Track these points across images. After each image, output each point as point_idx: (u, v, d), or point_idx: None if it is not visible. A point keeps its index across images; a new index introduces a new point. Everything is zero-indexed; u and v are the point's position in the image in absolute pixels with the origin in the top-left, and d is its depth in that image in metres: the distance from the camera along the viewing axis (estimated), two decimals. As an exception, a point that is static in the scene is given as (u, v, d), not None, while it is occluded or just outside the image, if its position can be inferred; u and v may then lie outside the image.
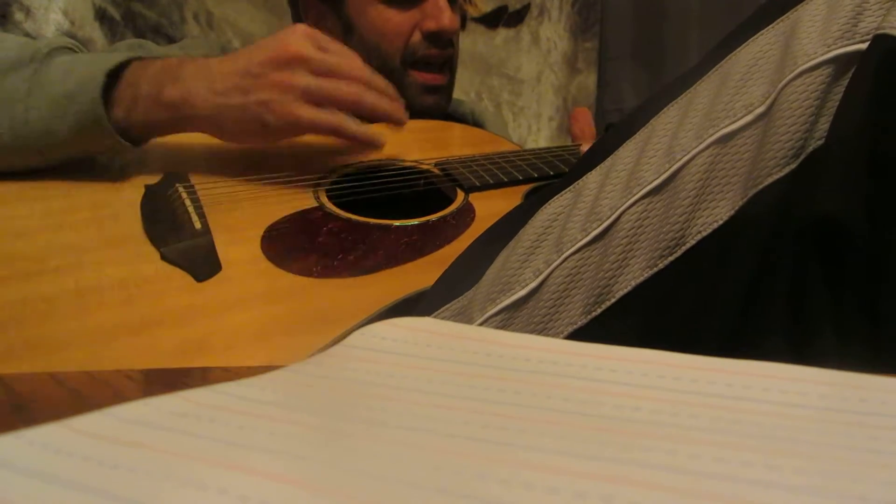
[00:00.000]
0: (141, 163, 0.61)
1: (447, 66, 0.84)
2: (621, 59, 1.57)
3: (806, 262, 0.35)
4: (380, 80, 0.60)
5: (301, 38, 0.56)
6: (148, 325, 0.43)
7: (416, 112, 0.81)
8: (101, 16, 0.99)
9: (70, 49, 0.60)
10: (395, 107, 0.60)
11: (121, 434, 0.17)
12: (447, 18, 0.79)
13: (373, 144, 0.61)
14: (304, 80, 0.55)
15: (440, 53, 0.82)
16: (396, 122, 0.61)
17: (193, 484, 0.14)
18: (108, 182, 0.58)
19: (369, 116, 0.59)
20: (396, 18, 0.80)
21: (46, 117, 0.54)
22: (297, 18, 0.88)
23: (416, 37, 0.80)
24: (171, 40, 1.04)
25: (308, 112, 0.55)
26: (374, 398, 0.20)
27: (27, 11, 0.93)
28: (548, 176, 0.66)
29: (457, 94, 0.91)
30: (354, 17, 0.81)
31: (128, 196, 0.55)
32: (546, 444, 0.17)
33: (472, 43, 1.40)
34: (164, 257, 0.48)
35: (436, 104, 0.84)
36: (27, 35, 0.93)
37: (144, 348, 0.41)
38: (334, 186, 0.62)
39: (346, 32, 0.82)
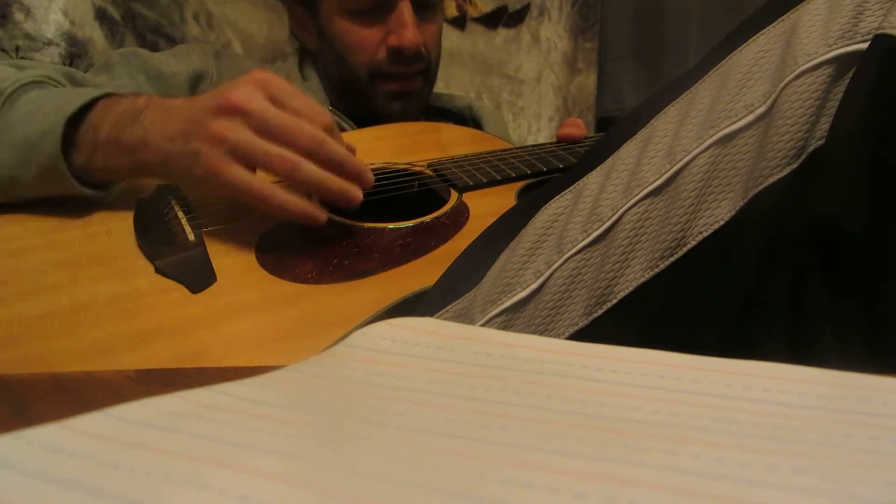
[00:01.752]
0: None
1: (417, 76, 0.82)
2: (621, 59, 1.57)
3: (806, 262, 0.35)
4: (336, 150, 0.50)
5: (251, 87, 0.49)
6: (144, 338, 0.42)
7: (383, 117, 0.80)
8: (101, 16, 0.99)
9: (39, 84, 0.58)
10: (344, 185, 0.50)
11: (121, 434, 0.17)
12: (410, 34, 0.76)
13: (309, 219, 0.50)
14: (234, 134, 0.47)
15: (408, 70, 0.79)
16: (345, 203, 0.51)
17: (193, 484, 0.14)
18: (108, 195, 0.58)
19: (311, 190, 0.51)
20: (360, 33, 0.78)
21: (10, 164, 0.52)
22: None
23: (382, 52, 0.78)
24: (171, 40, 1.04)
25: (233, 171, 0.48)
26: (375, 398, 0.20)
27: (27, 11, 0.93)
28: (541, 172, 0.66)
29: (457, 93, 0.90)
30: (325, 27, 0.80)
31: (120, 211, 0.55)
32: (546, 444, 0.17)
33: (472, 43, 1.40)
34: (158, 270, 0.48)
35: (404, 111, 0.82)
36: (28, 36, 0.93)
37: (141, 362, 0.41)
38: None
39: (321, 38, 0.82)
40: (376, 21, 0.78)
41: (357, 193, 0.51)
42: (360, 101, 0.81)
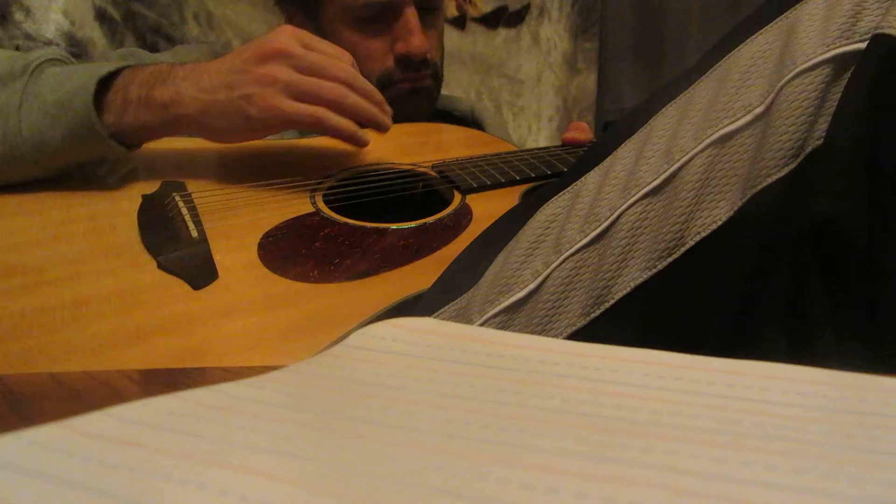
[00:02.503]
0: (138, 172, 0.61)
1: (427, 78, 0.82)
2: (621, 59, 1.58)
3: (805, 263, 0.35)
4: (365, 83, 0.59)
5: (287, 36, 0.56)
6: (146, 333, 0.43)
7: (394, 118, 0.81)
8: (101, 16, 0.99)
9: (60, 60, 0.60)
10: (378, 111, 0.60)
11: (121, 434, 0.17)
12: (417, 40, 0.76)
13: (356, 140, 0.60)
14: (285, 74, 0.55)
15: (416, 76, 0.80)
16: (378, 127, 0.61)
17: (193, 484, 0.14)
18: (104, 192, 0.58)
19: (351, 117, 0.59)
20: (366, 43, 0.78)
21: (40, 127, 0.55)
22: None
23: (390, 61, 0.79)
24: (171, 40, 1.04)
25: (289, 105, 0.55)
26: (374, 398, 0.20)
27: (27, 11, 0.93)
28: (545, 175, 0.66)
29: (457, 93, 0.90)
30: (328, 35, 0.79)
31: (125, 206, 0.55)
32: (546, 444, 0.17)
33: (472, 43, 1.40)
34: (161, 266, 0.48)
35: (416, 108, 0.82)
36: (28, 36, 0.93)
37: (142, 357, 0.41)
38: (331, 191, 0.62)
39: None
40: (382, 29, 0.78)
41: (387, 120, 0.61)
42: None
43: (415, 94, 0.81)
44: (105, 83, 0.56)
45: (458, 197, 0.62)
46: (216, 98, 0.55)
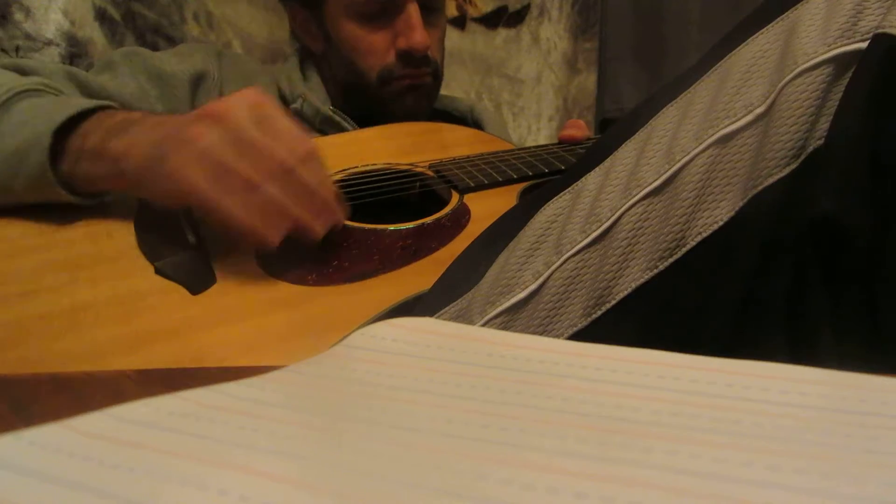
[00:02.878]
0: None
1: (426, 75, 0.82)
2: (621, 59, 1.57)
3: (806, 262, 0.35)
4: (309, 178, 0.47)
5: (238, 102, 0.47)
6: (144, 339, 0.43)
7: (395, 116, 0.80)
8: (101, 16, 0.99)
9: (33, 92, 0.57)
10: (302, 216, 0.47)
11: (121, 434, 0.17)
12: (418, 36, 0.76)
13: (258, 241, 0.46)
14: (205, 140, 0.45)
15: (416, 72, 0.80)
16: (302, 234, 0.48)
17: (194, 484, 0.14)
18: (98, 204, 0.58)
19: (262, 213, 0.46)
20: (369, 38, 0.78)
21: (1, 172, 0.52)
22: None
23: (391, 57, 0.78)
24: (170, 40, 1.04)
25: (193, 174, 0.45)
26: (375, 398, 0.20)
27: (27, 11, 0.93)
28: (543, 174, 0.66)
29: (457, 93, 0.90)
30: (331, 30, 0.80)
31: (121, 211, 0.55)
32: (546, 444, 0.17)
33: (472, 43, 1.40)
34: (158, 271, 0.48)
35: (414, 104, 0.81)
36: (28, 36, 0.93)
37: (141, 363, 0.41)
38: None
39: (327, 42, 0.82)
40: (384, 25, 0.78)
41: (316, 229, 0.48)
42: (369, 102, 0.81)
43: (414, 90, 0.81)
44: (73, 123, 0.51)
45: (455, 197, 0.62)
46: (150, 154, 0.48)
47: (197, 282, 0.47)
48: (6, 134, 0.53)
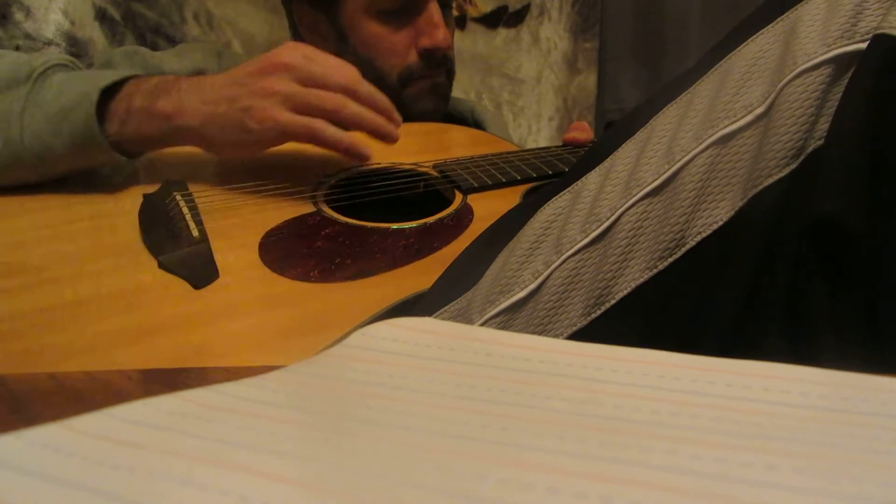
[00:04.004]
0: (139, 172, 0.61)
1: (443, 75, 0.83)
2: (621, 59, 1.57)
3: (805, 263, 0.35)
4: (370, 91, 0.58)
5: (290, 50, 0.56)
6: (146, 333, 0.43)
7: (413, 116, 0.80)
8: (101, 16, 0.99)
9: (66, 66, 0.60)
10: (382, 121, 0.59)
11: (121, 434, 0.17)
12: (441, 35, 0.77)
13: (353, 153, 0.58)
14: (284, 85, 0.55)
15: (436, 71, 0.80)
16: (382, 137, 0.59)
17: (194, 484, 0.14)
18: (106, 192, 0.58)
19: (353, 127, 0.58)
20: (390, 37, 0.78)
21: (42, 134, 0.55)
22: (292, 23, 0.87)
23: (413, 57, 0.78)
24: (171, 40, 1.04)
25: (286, 116, 0.55)
26: (375, 398, 0.20)
27: (27, 11, 0.93)
28: (546, 176, 0.66)
29: (457, 93, 0.90)
30: (348, 29, 0.79)
31: (125, 205, 0.56)
32: (546, 444, 0.17)
33: (472, 43, 1.40)
34: (161, 266, 0.48)
35: (435, 108, 0.83)
36: (28, 36, 0.93)
37: (143, 357, 0.41)
38: (332, 191, 0.62)
39: (340, 42, 0.81)
40: (405, 24, 0.78)
41: (392, 130, 0.59)
42: None
43: (433, 92, 0.82)
44: (109, 91, 0.56)
45: (459, 197, 0.62)
46: (217, 111, 0.55)
47: (200, 276, 0.47)
48: (49, 99, 0.56)
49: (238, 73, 0.56)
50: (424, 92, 0.81)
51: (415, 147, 0.72)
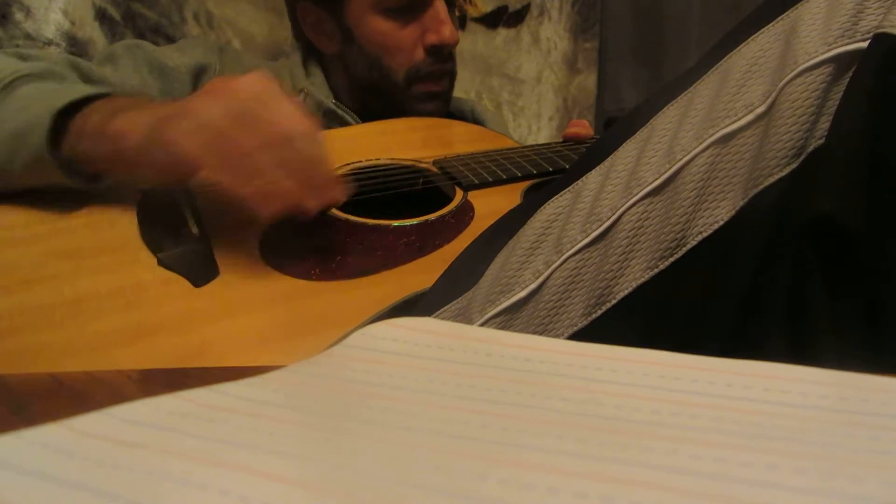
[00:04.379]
0: None
1: (447, 75, 0.83)
2: (621, 59, 1.57)
3: (806, 262, 0.35)
4: (305, 152, 0.47)
5: (245, 81, 0.47)
6: (146, 331, 0.42)
7: (416, 116, 0.80)
8: (101, 16, 0.99)
9: (39, 76, 0.57)
10: (299, 188, 0.47)
11: (121, 434, 0.17)
12: (448, 31, 0.77)
13: (254, 214, 0.47)
14: (208, 112, 0.46)
15: (443, 68, 0.81)
16: (297, 206, 0.48)
17: (194, 484, 0.14)
18: (98, 188, 0.57)
19: (264, 181, 0.47)
20: (397, 33, 0.78)
21: (2, 153, 0.52)
22: (295, 23, 0.87)
23: (419, 54, 0.79)
24: (170, 40, 1.04)
25: (191, 145, 0.45)
26: (375, 398, 0.20)
27: (27, 11, 0.93)
28: (547, 172, 0.66)
29: (457, 93, 0.91)
30: (354, 28, 0.79)
31: (124, 201, 0.55)
32: (546, 444, 0.17)
33: (472, 43, 1.40)
34: (161, 263, 0.48)
35: (436, 110, 0.83)
36: (28, 36, 0.93)
37: (143, 355, 0.41)
38: None
39: (346, 40, 0.81)
40: (410, 20, 0.78)
41: (310, 204, 0.48)
42: (389, 103, 0.81)
43: (436, 97, 0.82)
44: (72, 109, 0.51)
45: (459, 194, 0.62)
46: (147, 130, 0.47)
47: (200, 274, 0.47)
48: (7, 116, 0.53)
49: (217, 108, 0.47)
50: (428, 95, 0.81)
51: (416, 142, 0.72)
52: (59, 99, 0.51)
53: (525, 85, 1.49)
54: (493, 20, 1.44)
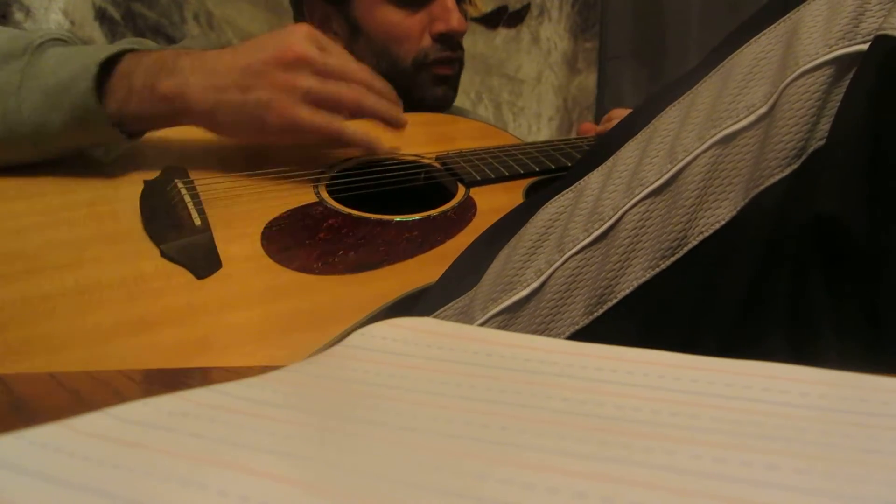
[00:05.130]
0: (139, 158, 0.60)
1: (457, 62, 0.85)
2: (621, 59, 1.57)
3: (806, 263, 0.35)
4: (379, 83, 0.60)
5: (305, 39, 0.56)
6: (148, 323, 0.42)
7: (425, 105, 0.81)
8: (101, 16, 0.99)
9: (64, 41, 0.59)
10: (395, 110, 0.61)
11: (121, 434, 0.17)
12: (456, 19, 0.79)
13: (371, 148, 0.61)
14: (306, 81, 0.55)
15: (451, 55, 0.82)
16: (395, 125, 0.62)
17: (194, 484, 0.14)
18: (106, 178, 0.57)
19: (369, 118, 0.60)
20: (405, 22, 0.79)
21: (40, 109, 0.53)
22: (300, 19, 0.88)
23: (427, 41, 0.80)
24: (171, 40, 1.04)
25: (308, 114, 0.55)
26: (375, 398, 0.20)
27: (27, 11, 0.93)
28: (549, 169, 0.66)
29: (457, 95, 0.91)
30: (361, 20, 0.81)
31: (127, 192, 0.55)
32: (546, 444, 0.17)
33: (472, 43, 1.40)
34: (163, 254, 0.48)
35: (445, 95, 0.84)
36: (28, 35, 0.93)
37: (145, 347, 0.41)
38: (335, 181, 0.62)
39: (353, 34, 0.82)
40: (419, 9, 0.79)
41: (403, 118, 0.63)
42: (398, 91, 0.82)
43: (446, 81, 0.83)
44: (108, 67, 0.54)
45: (462, 190, 0.62)
46: (229, 98, 0.54)
47: (203, 266, 0.47)
48: (46, 72, 0.54)
49: (249, 57, 0.55)
50: (437, 79, 0.82)
51: (418, 138, 0.72)
52: (98, 53, 0.54)
53: (525, 85, 1.49)
54: (493, 20, 1.44)
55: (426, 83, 0.82)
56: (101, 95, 0.53)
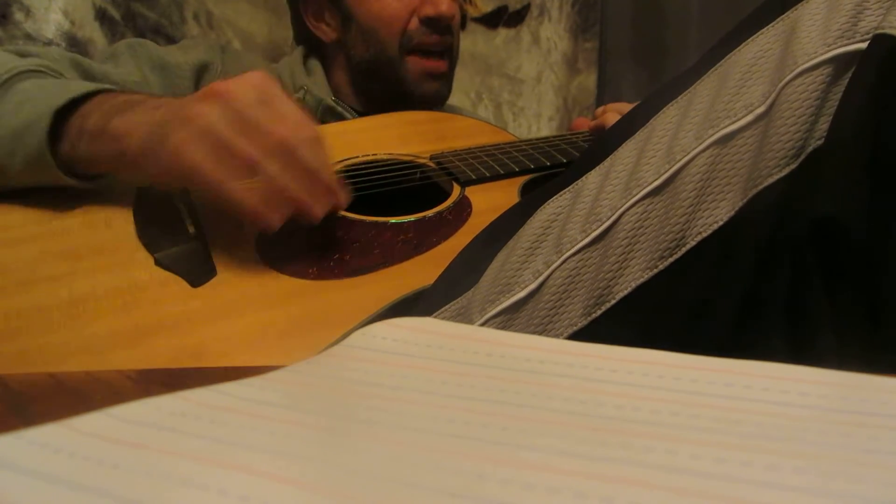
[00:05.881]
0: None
1: (447, 53, 0.84)
2: (621, 59, 1.57)
3: (805, 263, 0.35)
4: (311, 158, 0.47)
5: (244, 82, 0.47)
6: (144, 333, 0.42)
7: (417, 101, 0.81)
8: (101, 16, 0.99)
9: (37, 72, 0.57)
10: (305, 195, 0.47)
11: (121, 434, 0.17)
12: (445, 4, 0.79)
13: (258, 223, 0.47)
14: (207, 118, 0.45)
15: (439, 40, 0.82)
16: (302, 214, 0.48)
17: (194, 484, 0.14)
18: (99, 187, 0.57)
19: (265, 191, 0.46)
20: (395, 4, 0.80)
21: (1, 151, 0.52)
22: (296, 15, 0.88)
23: (414, 23, 0.80)
24: (171, 40, 1.04)
25: (194, 152, 0.45)
26: (375, 398, 0.20)
27: (27, 11, 0.93)
28: (544, 167, 0.66)
29: (457, 93, 0.91)
30: (352, 6, 0.82)
31: (119, 200, 0.55)
32: (546, 444, 0.17)
33: (472, 43, 1.40)
34: (158, 263, 0.48)
35: (437, 92, 0.84)
36: (28, 36, 0.93)
37: (141, 357, 0.41)
38: None
39: (345, 23, 0.83)
40: None
41: (316, 211, 0.47)
42: (388, 83, 0.82)
43: (437, 77, 0.83)
44: (70, 108, 0.51)
45: (457, 189, 0.62)
46: (152, 133, 0.47)
47: (197, 274, 0.47)
48: (5, 114, 0.52)
49: (191, 95, 0.49)
50: (427, 74, 0.82)
51: (412, 136, 0.71)
52: (58, 96, 0.51)
53: (525, 85, 1.49)
54: (493, 20, 1.44)
55: (415, 76, 0.82)
56: (56, 139, 0.50)
